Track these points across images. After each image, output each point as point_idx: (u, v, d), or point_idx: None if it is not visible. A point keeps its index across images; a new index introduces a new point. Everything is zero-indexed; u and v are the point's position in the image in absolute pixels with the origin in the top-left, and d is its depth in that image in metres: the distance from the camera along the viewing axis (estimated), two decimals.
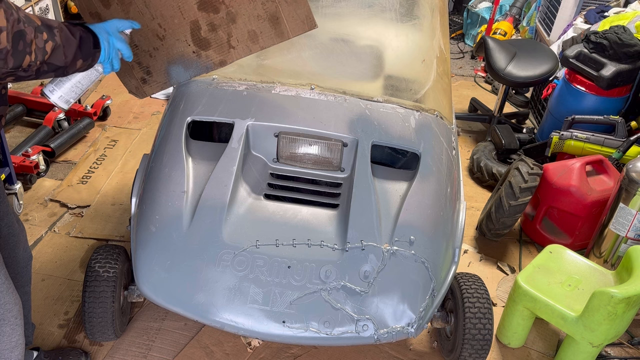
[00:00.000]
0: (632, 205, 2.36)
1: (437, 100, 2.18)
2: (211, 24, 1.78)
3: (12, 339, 1.62)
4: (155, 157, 1.93)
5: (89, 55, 1.45)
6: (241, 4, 1.73)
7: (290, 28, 1.80)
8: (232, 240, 1.71)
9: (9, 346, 1.62)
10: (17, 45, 1.20)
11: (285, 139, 1.93)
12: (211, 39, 1.81)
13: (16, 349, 1.65)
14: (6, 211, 1.74)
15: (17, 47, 1.20)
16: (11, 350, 1.63)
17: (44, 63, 1.30)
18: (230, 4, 1.74)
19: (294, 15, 1.76)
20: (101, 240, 2.68)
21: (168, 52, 1.83)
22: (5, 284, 1.56)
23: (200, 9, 1.75)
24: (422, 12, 2.38)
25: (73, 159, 3.28)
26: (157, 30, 1.78)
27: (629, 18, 3.45)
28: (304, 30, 1.81)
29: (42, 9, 4.44)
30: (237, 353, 2.16)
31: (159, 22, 1.77)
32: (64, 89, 1.56)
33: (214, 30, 1.79)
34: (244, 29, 1.79)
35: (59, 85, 1.55)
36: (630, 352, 2.34)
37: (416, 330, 1.66)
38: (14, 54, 1.20)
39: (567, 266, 2.28)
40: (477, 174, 3.32)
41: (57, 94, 1.55)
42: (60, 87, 1.55)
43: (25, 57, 1.23)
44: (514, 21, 4.87)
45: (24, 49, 1.22)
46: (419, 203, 1.83)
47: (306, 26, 1.79)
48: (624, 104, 3.22)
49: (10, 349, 1.63)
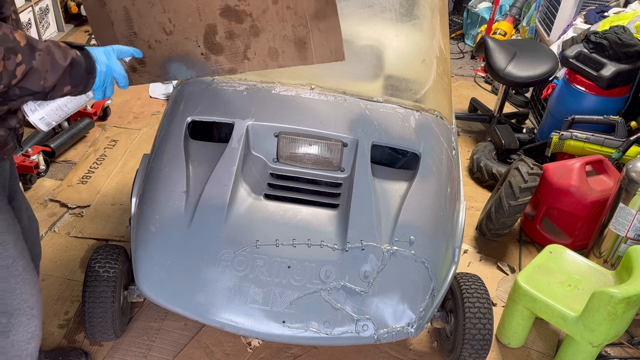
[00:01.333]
0: (632, 205, 2.36)
1: (437, 100, 2.18)
2: (230, 32, 1.71)
3: (28, 329, 1.61)
4: (155, 157, 1.93)
5: (80, 81, 1.36)
6: (270, 21, 1.67)
7: (317, 55, 1.73)
8: (232, 240, 1.71)
9: (25, 337, 1.61)
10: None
11: (285, 139, 1.93)
12: (225, 45, 1.74)
13: (32, 340, 1.64)
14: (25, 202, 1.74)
15: None
16: (27, 342, 1.62)
17: (14, 87, 1.22)
18: (257, 18, 1.67)
19: (324, 43, 1.70)
20: (101, 240, 2.68)
21: (172, 48, 1.77)
22: (23, 274, 1.56)
23: (222, 16, 1.68)
24: (422, 12, 2.38)
25: (73, 159, 3.28)
26: (165, 24, 1.71)
27: (629, 18, 3.45)
28: (329, 60, 1.75)
29: (42, 9, 4.44)
30: (237, 353, 2.16)
31: (170, 17, 1.69)
32: (46, 109, 1.43)
33: (231, 39, 1.73)
34: (266, 44, 1.72)
35: (42, 105, 1.42)
36: (630, 352, 2.34)
37: (416, 330, 1.66)
38: None
39: (567, 266, 2.28)
40: (477, 174, 3.32)
41: (38, 115, 1.42)
42: (42, 108, 1.42)
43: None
44: (514, 21, 4.87)
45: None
46: (419, 203, 1.83)
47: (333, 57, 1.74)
48: (624, 104, 3.22)
49: (26, 341, 1.61)
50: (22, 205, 1.76)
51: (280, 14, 1.68)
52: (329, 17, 1.68)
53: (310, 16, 1.67)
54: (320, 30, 1.68)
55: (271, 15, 1.68)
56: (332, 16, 1.69)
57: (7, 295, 1.54)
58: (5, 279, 1.52)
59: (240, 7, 1.67)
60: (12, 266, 1.52)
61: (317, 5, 1.66)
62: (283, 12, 1.68)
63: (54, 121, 1.46)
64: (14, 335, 1.59)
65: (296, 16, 1.68)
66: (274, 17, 1.69)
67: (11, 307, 1.55)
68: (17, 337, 1.60)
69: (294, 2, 1.66)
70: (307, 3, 1.66)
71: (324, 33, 1.69)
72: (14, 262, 1.52)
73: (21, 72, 1.21)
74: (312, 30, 1.68)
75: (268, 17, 1.69)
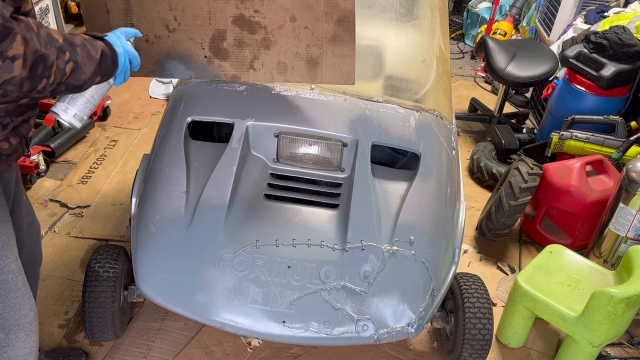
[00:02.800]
0: (632, 205, 2.36)
1: (437, 100, 2.18)
2: (240, 40, 1.68)
3: (26, 345, 1.59)
4: (155, 157, 1.93)
5: (107, 71, 1.39)
6: (284, 37, 1.64)
7: (327, 76, 1.71)
8: (232, 240, 1.71)
9: (23, 352, 1.59)
10: (35, 70, 1.15)
11: (285, 139, 1.93)
12: (232, 52, 1.70)
13: (30, 355, 1.62)
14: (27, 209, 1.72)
15: (35, 72, 1.15)
16: (24, 357, 1.60)
17: (61, 84, 1.24)
18: (272, 32, 1.64)
19: (336, 66, 1.67)
20: (101, 240, 2.68)
21: (172, 46, 1.74)
22: (22, 289, 1.54)
23: (234, 23, 1.65)
24: (422, 12, 2.38)
25: (73, 159, 3.28)
26: (170, 21, 1.67)
27: (629, 18, 3.45)
28: (339, 82, 1.73)
29: (42, 9, 4.44)
30: (237, 353, 2.16)
31: (176, 15, 1.66)
32: (77, 106, 1.44)
33: (240, 47, 1.69)
34: (275, 58, 1.69)
35: (72, 102, 1.44)
36: (630, 352, 2.34)
37: (416, 330, 1.66)
38: (31, 79, 1.15)
39: (567, 266, 2.28)
40: (477, 174, 3.32)
41: (71, 112, 1.44)
42: (74, 105, 1.44)
43: (42, 80, 1.17)
44: (514, 21, 4.87)
45: (43, 73, 1.16)
46: (419, 203, 1.83)
47: (343, 80, 1.71)
48: (624, 104, 3.22)
49: (23, 356, 1.60)
50: (24, 212, 1.73)
51: (296, 32, 1.65)
52: (346, 43, 1.66)
53: (327, 39, 1.65)
54: (335, 54, 1.66)
55: (287, 32, 1.66)
56: (349, 43, 1.66)
57: (6, 311, 1.51)
58: (6, 294, 1.50)
59: (255, 19, 1.64)
60: (12, 281, 1.50)
61: (336, 30, 1.63)
62: (300, 30, 1.65)
63: (85, 115, 1.47)
64: (11, 350, 1.57)
65: (312, 37, 1.65)
66: (289, 33, 1.66)
67: (10, 323, 1.53)
68: (15, 353, 1.58)
69: (313, 24, 1.63)
70: (325, 26, 1.63)
71: (338, 57, 1.66)
72: (13, 277, 1.50)
73: (70, 69, 1.24)
74: (326, 52, 1.65)
75: (283, 32, 1.66)
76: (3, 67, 1.08)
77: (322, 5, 1.60)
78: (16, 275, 1.51)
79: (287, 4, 1.61)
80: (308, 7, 1.60)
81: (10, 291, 1.50)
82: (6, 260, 1.47)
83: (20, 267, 1.53)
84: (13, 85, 1.12)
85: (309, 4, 1.60)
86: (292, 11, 1.62)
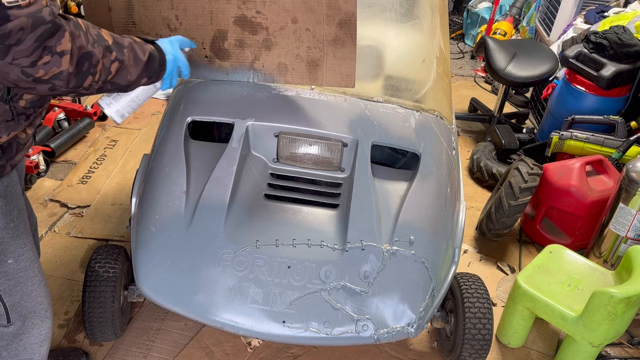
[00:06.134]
0: (632, 205, 2.36)
1: (437, 101, 2.18)
2: (241, 40, 1.69)
3: (41, 331, 1.62)
4: (155, 157, 1.93)
5: (154, 73, 1.45)
6: (286, 38, 1.65)
7: (327, 78, 1.72)
8: (232, 240, 1.71)
9: (38, 340, 1.62)
10: (81, 67, 1.20)
11: (285, 139, 1.93)
12: (233, 52, 1.71)
13: (45, 343, 1.65)
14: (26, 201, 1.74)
15: (81, 68, 1.20)
16: (40, 344, 1.63)
17: (107, 82, 1.29)
18: (273, 33, 1.65)
19: (336, 69, 1.68)
20: (101, 240, 2.68)
21: None
22: (38, 276, 1.57)
23: (235, 24, 1.65)
24: (422, 12, 2.38)
25: (73, 159, 3.28)
26: (171, 20, 1.68)
27: (629, 18, 3.45)
28: (339, 85, 1.74)
29: None
30: (237, 353, 2.16)
31: (177, 14, 1.67)
32: (121, 102, 1.52)
33: (240, 47, 1.70)
34: (276, 59, 1.70)
35: (117, 98, 1.51)
36: (630, 352, 2.34)
37: (416, 330, 1.66)
38: (77, 75, 1.20)
39: (567, 266, 2.28)
40: (477, 174, 3.32)
41: (114, 108, 1.52)
42: (117, 101, 1.52)
43: (88, 77, 1.23)
44: (514, 21, 4.87)
45: (88, 70, 1.22)
46: (419, 203, 1.83)
47: (343, 82, 1.72)
48: (624, 104, 3.22)
49: (39, 343, 1.62)
50: (27, 202, 1.77)
51: (297, 34, 1.66)
52: (347, 46, 1.66)
53: (329, 42, 1.65)
54: (336, 56, 1.66)
55: (288, 34, 1.66)
56: (350, 46, 1.67)
57: (24, 299, 1.53)
58: (24, 282, 1.52)
59: (257, 20, 1.64)
60: (30, 268, 1.52)
61: (337, 32, 1.63)
62: (301, 32, 1.65)
63: (128, 113, 1.55)
64: (27, 337, 1.59)
65: (314, 39, 1.66)
66: (290, 35, 1.66)
67: (26, 310, 1.56)
68: (30, 340, 1.60)
69: (314, 26, 1.64)
70: (327, 29, 1.63)
71: (339, 60, 1.66)
72: (31, 265, 1.53)
73: (115, 69, 1.29)
74: (327, 54, 1.66)
75: (285, 34, 1.66)
76: (52, 61, 1.14)
77: (324, 7, 1.60)
78: (33, 263, 1.54)
79: (289, 5, 1.62)
80: (310, 9, 1.61)
81: (28, 278, 1.52)
82: (24, 248, 1.49)
83: (36, 254, 1.56)
84: (61, 80, 1.18)
85: (311, 6, 1.61)
86: (294, 13, 1.63)
